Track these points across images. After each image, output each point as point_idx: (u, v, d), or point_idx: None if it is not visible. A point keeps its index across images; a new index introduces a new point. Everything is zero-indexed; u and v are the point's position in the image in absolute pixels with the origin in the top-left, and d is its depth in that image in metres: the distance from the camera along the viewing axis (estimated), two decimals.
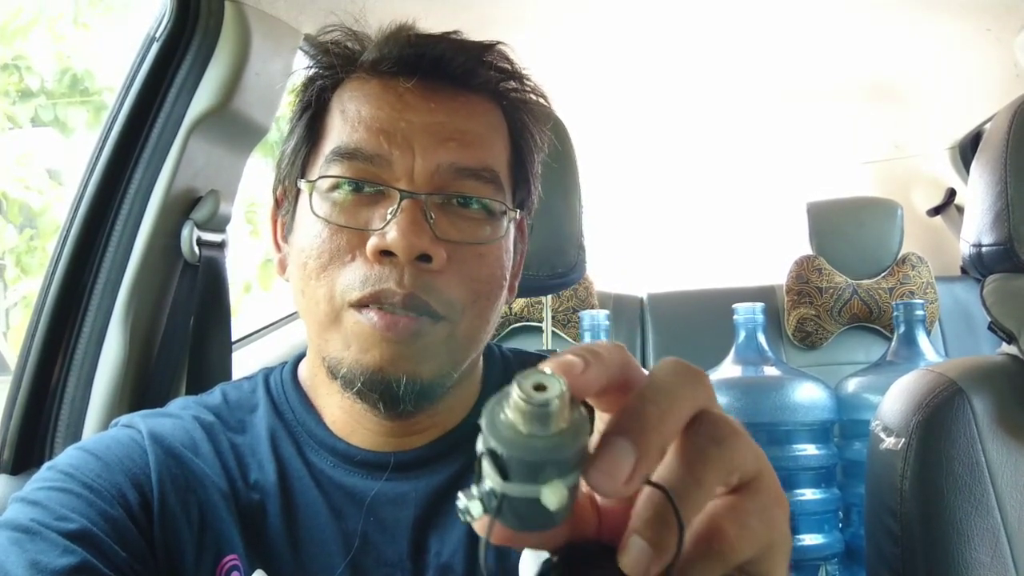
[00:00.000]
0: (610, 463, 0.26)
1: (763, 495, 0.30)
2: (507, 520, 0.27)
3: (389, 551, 0.58)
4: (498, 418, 0.26)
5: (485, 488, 0.27)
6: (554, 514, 0.26)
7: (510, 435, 0.26)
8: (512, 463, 0.26)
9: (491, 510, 0.26)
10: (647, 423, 0.27)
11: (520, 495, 0.26)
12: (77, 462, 0.56)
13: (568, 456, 0.26)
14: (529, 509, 0.26)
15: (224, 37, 0.95)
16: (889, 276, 1.87)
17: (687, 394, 0.28)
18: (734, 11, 1.34)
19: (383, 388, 0.56)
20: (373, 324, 0.55)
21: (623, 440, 0.26)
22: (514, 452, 0.25)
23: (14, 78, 2.37)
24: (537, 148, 0.66)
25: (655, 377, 0.28)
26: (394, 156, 0.57)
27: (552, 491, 0.25)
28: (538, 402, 0.25)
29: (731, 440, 0.29)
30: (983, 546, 0.77)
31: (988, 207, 0.88)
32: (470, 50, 0.60)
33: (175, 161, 0.93)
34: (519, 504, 0.26)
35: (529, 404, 0.25)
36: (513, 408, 0.26)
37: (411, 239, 0.54)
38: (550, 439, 0.26)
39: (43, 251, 2.35)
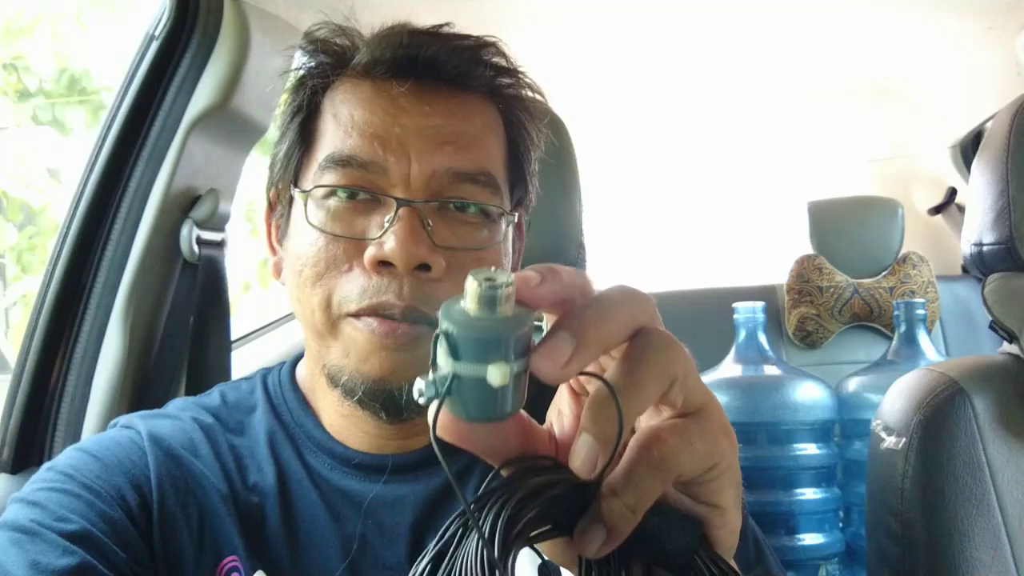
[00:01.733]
0: (550, 348, 0.29)
1: (707, 421, 0.32)
2: (457, 405, 0.29)
3: (388, 554, 0.58)
4: (453, 307, 0.29)
5: (439, 373, 0.29)
6: (499, 397, 0.29)
7: (461, 317, 0.28)
8: (461, 342, 0.28)
9: (440, 392, 0.29)
10: (586, 320, 0.30)
11: (468, 375, 0.28)
12: (77, 463, 0.56)
13: (512, 338, 0.28)
14: (477, 391, 0.28)
15: (223, 35, 0.94)
16: (890, 275, 1.86)
17: (628, 306, 0.31)
18: (734, 10, 1.34)
19: (385, 397, 0.55)
20: (372, 330, 0.54)
21: (564, 332, 0.29)
22: (463, 331, 0.28)
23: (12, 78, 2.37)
24: (534, 145, 0.65)
25: (601, 291, 0.32)
26: (389, 162, 0.56)
27: (497, 370, 0.28)
28: (487, 287, 0.28)
29: (670, 347, 0.31)
30: (984, 545, 0.77)
31: (989, 206, 0.88)
32: (465, 50, 0.59)
33: (174, 160, 0.93)
34: (468, 386, 0.29)
35: (479, 288, 0.28)
36: (466, 295, 0.29)
37: (410, 249, 0.53)
38: (497, 321, 0.29)
39: (44, 249, 2.35)
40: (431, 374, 0.29)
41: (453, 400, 0.29)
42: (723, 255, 2.94)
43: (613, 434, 0.29)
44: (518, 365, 0.29)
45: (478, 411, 0.29)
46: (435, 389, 0.29)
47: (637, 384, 0.30)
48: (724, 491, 0.33)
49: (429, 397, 0.30)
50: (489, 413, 0.29)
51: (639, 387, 0.30)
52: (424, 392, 0.30)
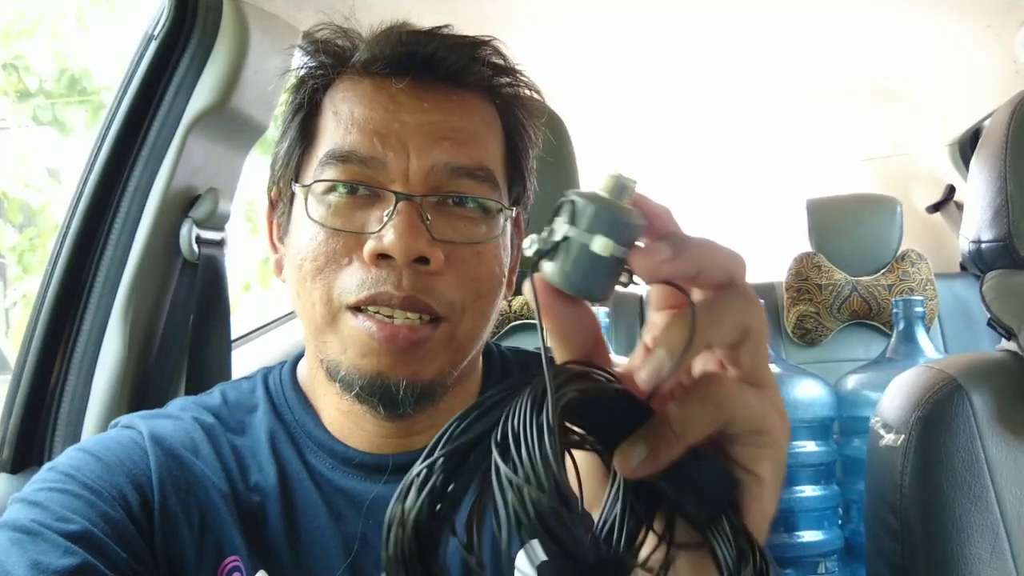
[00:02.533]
0: (652, 247, 0.32)
1: (766, 391, 0.34)
2: (557, 269, 0.32)
3: None
4: (584, 189, 0.32)
5: (552, 235, 0.32)
6: (595, 270, 0.31)
7: (589, 192, 0.32)
8: (581, 209, 0.31)
9: (546, 249, 0.32)
10: (690, 242, 0.33)
11: (578, 240, 0.31)
12: (78, 463, 0.56)
13: (624, 223, 0.32)
14: (579, 257, 0.31)
15: (222, 35, 0.94)
16: (888, 273, 1.87)
17: (727, 257, 0.33)
18: (733, 10, 1.34)
19: (382, 392, 0.55)
20: (371, 334, 0.55)
21: (665, 241, 0.32)
22: (587, 200, 0.31)
23: (13, 78, 2.37)
24: (531, 143, 0.66)
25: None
26: (388, 158, 0.56)
27: (603, 241, 0.31)
28: (618, 175, 0.32)
29: (755, 305, 0.34)
30: (983, 542, 0.77)
31: (988, 203, 0.88)
32: (462, 47, 0.60)
33: (174, 159, 0.93)
34: (573, 250, 0.31)
35: (611, 176, 0.32)
36: (599, 181, 0.32)
37: (408, 241, 0.54)
38: (617, 204, 0.32)
39: (44, 249, 2.35)
40: (544, 232, 0.32)
41: (555, 263, 0.32)
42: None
43: (681, 349, 0.31)
44: (620, 251, 0.31)
45: (571, 279, 0.32)
46: (538, 247, 0.32)
47: (717, 317, 0.32)
48: (765, 461, 0.34)
49: (537, 250, 0.32)
50: (581, 283, 0.32)
51: (718, 320, 0.32)
52: (533, 245, 0.32)
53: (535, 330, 1.82)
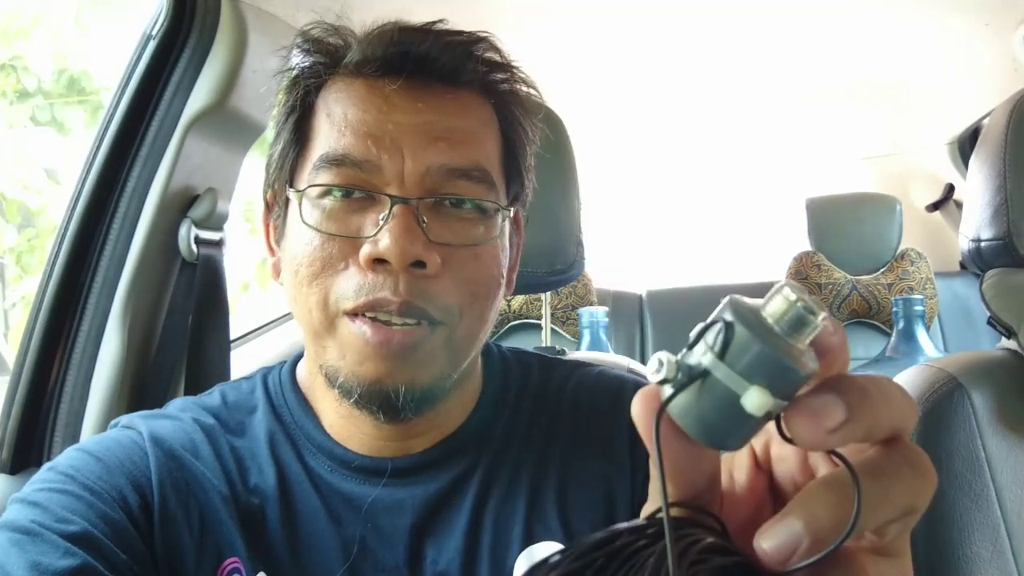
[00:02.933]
0: (821, 408, 0.25)
1: (902, 455, 0.28)
2: (685, 408, 0.25)
3: (387, 557, 0.58)
4: (745, 304, 0.25)
5: (689, 360, 0.25)
6: (737, 425, 0.24)
7: (753, 319, 0.24)
8: (739, 344, 0.24)
9: (676, 382, 0.25)
10: (866, 396, 0.26)
11: (724, 380, 0.24)
12: (78, 464, 0.56)
13: (792, 372, 0.24)
14: (719, 404, 0.24)
15: (221, 34, 0.94)
16: (888, 272, 1.87)
17: (900, 403, 0.27)
18: (732, 9, 1.34)
19: (382, 398, 0.55)
20: (367, 338, 0.54)
21: (835, 397, 0.25)
22: (748, 333, 0.24)
23: (11, 79, 2.37)
24: (529, 141, 0.65)
25: (870, 375, 0.28)
26: (383, 160, 0.56)
27: (758, 396, 0.24)
28: (802, 306, 0.24)
29: (926, 471, 0.27)
30: (983, 540, 0.77)
31: (987, 202, 0.88)
32: (456, 46, 0.59)
33: (172, 159, 0.93)
34: (714, 394, 0.24)
35: (792, 303, 0.24)
36: (771, 302, 0.24)
37: (404, 246, 0.53)
38: (790, 346, 0.24)
39: (43, 250, 2.35)
40: (680, 355, 0.25)
41: (689, 403, 0.25)
42: (722, 252, 2.94)
43: (828, 535, 0.25)
44: (775, 405, 0.24)
45: (704, 426, 0.25)
46: (676, 376, 0.25)
47: (883, 495, 0.26)
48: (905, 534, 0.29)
49: (664, 379, 0.25)
50: (714, 436, 0.25)
51: (884, 499, 0.26)
52: (662, 370, 0.25)
53: (534, 329, 1.82)
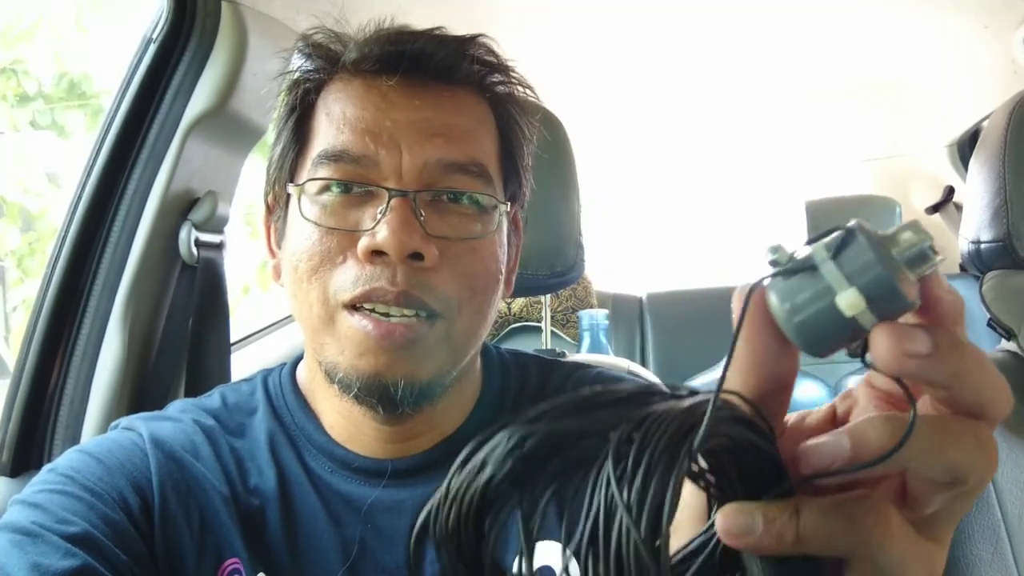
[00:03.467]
0: (909, 335, 0.25)
1: (978, 431, 0.28)
2: (783, 298, 0.25)
3: (387, 559, 0.58)
4: (873, 228, 0.25)
5: (801, 252, 0.25)
6: (826, 324, 0.25)
7: (876, 234, 0.25)
8: (854, 250, 0.25)
9: (784, 267, 0.25)
10: (961, 352, 0.26)
11: (828, 278, 0.25)
12: (78, 465, 0.56)
13: (895, 292, 0.24)
14: (820, 300, 0.25)
15: (221, 38, 0.94)
16: None
17: (993, 381, 0.27)
18: (732, 9, 1.34)
19: (381, 392, 0.55)
20: (367, 332, 0.54)
21: (929, 335, 0.25)
22: (868, 244, 0.24)
23: (12, 82, 2.37)
24: (526, 140, 0.65)
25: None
26: (381, 156, 0.56)
27: (853, 298, 0.24)
28: (926, 245, 0.25)
29: (992, 454, 0.28)
30: (983, 543, 0.77)
31: (987, 204, 0.88)
32: (451, 44, 0.60)
33: (173, 162, 0.93)
34: (818, 288, 0.25)
35: (918, 239, 0.25)
36: (898, 232, 0.25)
37: (401, 237, 0.53)
38: (899, 270, 0.25)
39: (44, 254, 2.35)
40: (793, 249, 0.26)
41: (786, 292, 0.25)
42: (721, 254, 2.94)
43: (871, 456, 0.26)
44: (866, 318, 0.25)
45: (794, 317, 0.25)
46: (783, 259, 0.25)
47: (938, 449, 0.26)
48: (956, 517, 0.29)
49: (773, 260, 0.26)
50: (800, 331, 0.26)
51: (938, 452, 0.26)
52: (774, 254, 0.26)
53: (534, 332, 1.82)
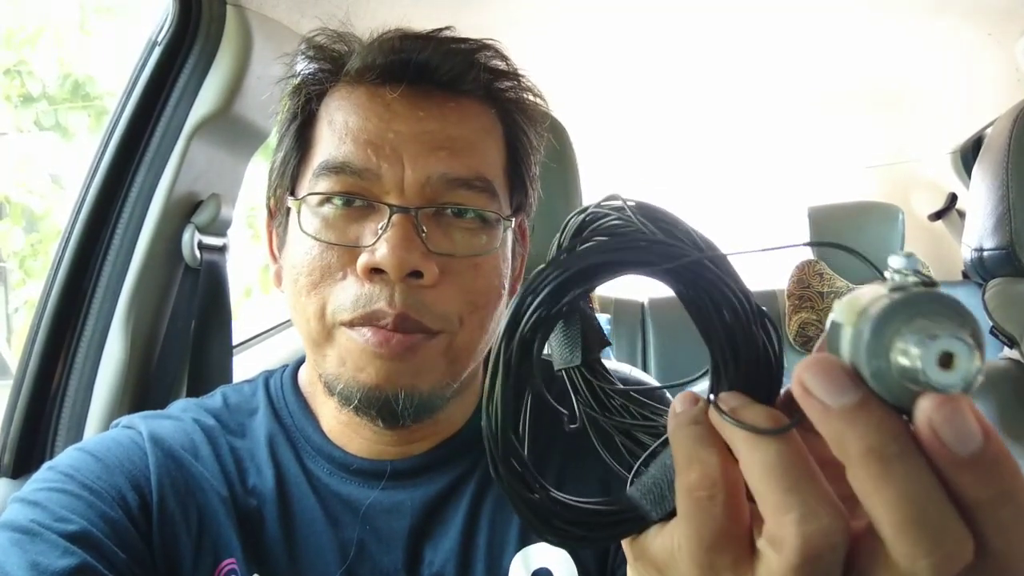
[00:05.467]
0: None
1: None
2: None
3: (385, 560, 0.58)
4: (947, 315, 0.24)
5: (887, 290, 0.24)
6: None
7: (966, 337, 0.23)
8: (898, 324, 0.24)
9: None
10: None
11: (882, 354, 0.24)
12: (77, 463, 0.56)
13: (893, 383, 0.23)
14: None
15: (226, 41, 0.95)
16: None
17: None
18: (737, 17, 1.34)
19: (381, 404, 0.55)
20: (366, 340, 0.54)
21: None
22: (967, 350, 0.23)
23: (16, 83, 2.38)
24: (533, 149, 0.64)
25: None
26: (383, 169, 0.55)
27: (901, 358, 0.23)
28: (974, 370, 0.23)
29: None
30: None
31: (990, 211, 0.88)
32: (458, 53, 0.59)
33: (176, 165, 0.93)
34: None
35: (968, 363, 0.23)
36: (948, 346, 0.23)
37: (401, 255, 0.52)
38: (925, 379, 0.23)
39: (47, 255, 2.35)
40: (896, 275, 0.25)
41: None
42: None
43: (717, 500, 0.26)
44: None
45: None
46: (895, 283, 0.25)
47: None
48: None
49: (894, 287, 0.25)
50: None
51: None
52: (894, 274, 0.25)
53: None
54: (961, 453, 0.23)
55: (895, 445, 0.24)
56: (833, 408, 0.24)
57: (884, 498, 0.24)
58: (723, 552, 0.27)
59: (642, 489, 0.31)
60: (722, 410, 0.27)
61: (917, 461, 0.24)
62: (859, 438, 0.24)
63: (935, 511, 0.24)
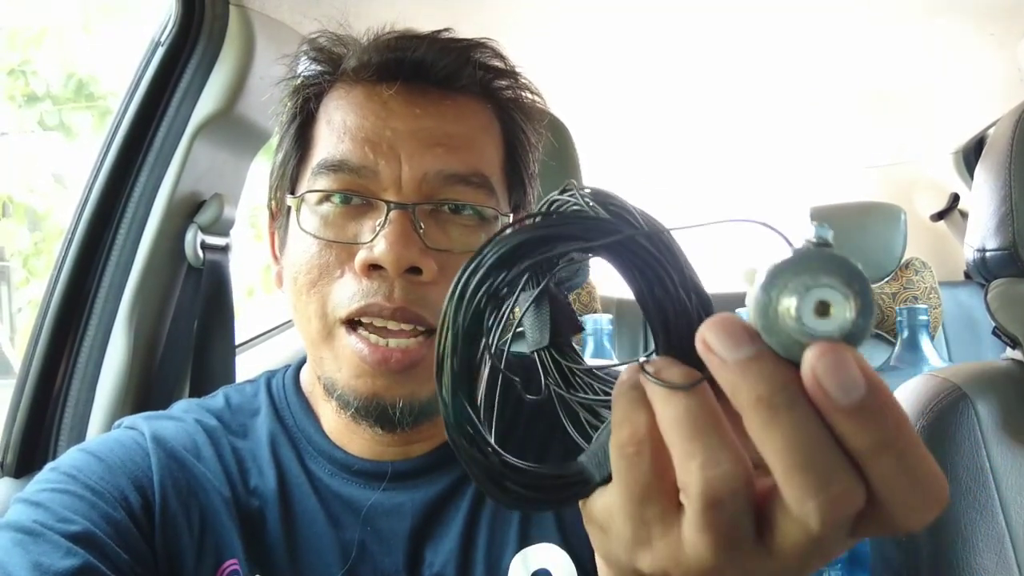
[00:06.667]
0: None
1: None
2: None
3: (386, 561, 0.58)
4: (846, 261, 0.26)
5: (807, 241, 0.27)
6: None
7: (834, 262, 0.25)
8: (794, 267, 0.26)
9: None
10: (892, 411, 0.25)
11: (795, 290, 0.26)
12: (80, 464, 0.56)
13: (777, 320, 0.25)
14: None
15: (228, 41, 0.95)
16: (893, 281, 1.86)
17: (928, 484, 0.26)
18: (738, 17, 1.34)
19: (379, 412, 0.55)
20: (363, 356, 0.54)
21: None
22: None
23: (20, 83, 2.39)
24: (532, 147, 0.64)
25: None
26: (380, 166, 0.55)
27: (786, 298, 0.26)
28: (861, 317, 0.25)
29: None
30: (988, 552, 0.77)
31: (992, 212, 0.88)
32: (453, 51, 0.59)
33: (179, 165, 0.94)
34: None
35: (856, 300, 0.25)
36: (848, 288, 0.25)
37: (399, 251, 0.53)
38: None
39: (50, 254, 2.36)
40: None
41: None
42: (726, 260, 2.93)
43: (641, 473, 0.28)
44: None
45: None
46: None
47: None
48: None
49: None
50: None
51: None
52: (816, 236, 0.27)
53: None
54: (842, 401, 0.24)
55: (783, 394, 0.25)
56: (728, 361, 0.26)
57: (773, 445, 0.25)
58: (651, 504, 0.29)
59: (589, 454, 0.33)
60: (645, 371, 0.29)
61: (803, 410, 0.25)
62: (749, 388, 0.25)
63: (821, 457, 0.25)
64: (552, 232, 0.30)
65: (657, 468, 0.29)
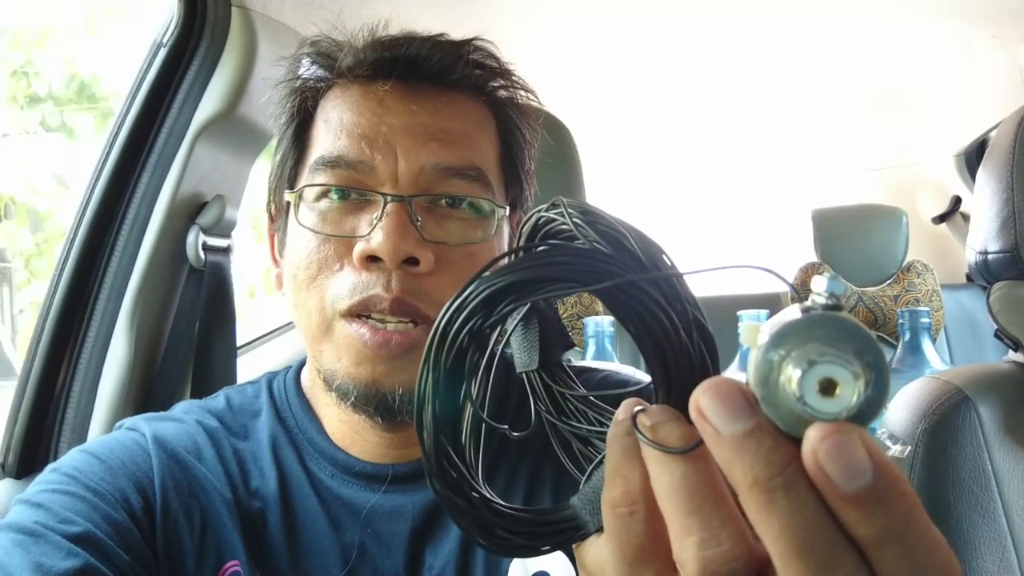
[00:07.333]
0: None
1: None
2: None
3: (386, 563, 0.58)
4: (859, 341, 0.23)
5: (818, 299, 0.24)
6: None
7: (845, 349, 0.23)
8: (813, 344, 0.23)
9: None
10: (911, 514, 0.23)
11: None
12: (81, 465, 0.56)
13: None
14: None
15: (231, 43, 0.95)
16: (894, 283, 1.86)
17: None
18: (741, 18, 1.34)
19: (378, 400, 0.55)
20: (365, 341, 0.54)
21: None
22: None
23: (22, 83, 2.39)
24: (527, 144, 0.65)
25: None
26: (377, 161, 0.56)
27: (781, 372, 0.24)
28: (825, 407, 0.23)
29: None
30: (990, 554, 0.77)
31: (994, 214, 0.88)
32: (446, 47, 0.60)
33: (181, 166, 0.94)
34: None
35: (859, 391, 0.23)
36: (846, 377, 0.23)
37: (396, 242, 0.53)
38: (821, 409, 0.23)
39: (51, 255, 2.36)
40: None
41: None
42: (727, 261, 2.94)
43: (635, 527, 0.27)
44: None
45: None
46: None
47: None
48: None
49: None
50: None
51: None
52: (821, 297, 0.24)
53: None
54: (846, 488, 0.22)
55: (780, 477, 0.23)
56: (724, 435, 0.24)
57: (770, 529, 0.23)
58: (644, 567, 0.27)
59: (583, 498, 0.30)
60: (636, 427, 0.27)
61: (803, 494, 0.23)
62: (746, 468, 0.24)
63: (822, 544, 0.23)
64: (542, 274, 0.28)
65: (651, 531, 0.27)
